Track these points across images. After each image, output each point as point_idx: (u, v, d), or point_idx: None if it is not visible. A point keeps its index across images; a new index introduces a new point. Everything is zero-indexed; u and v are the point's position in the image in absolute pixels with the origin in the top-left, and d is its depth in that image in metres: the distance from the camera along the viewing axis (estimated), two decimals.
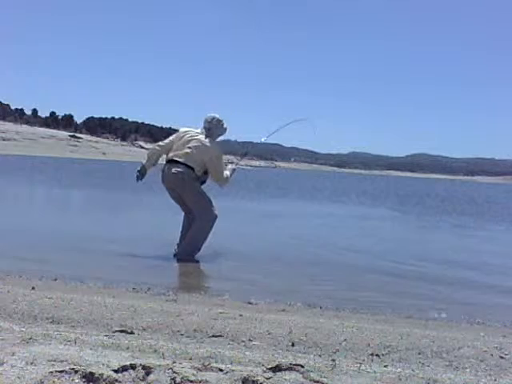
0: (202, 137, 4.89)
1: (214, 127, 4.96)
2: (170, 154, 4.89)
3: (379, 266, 5.28)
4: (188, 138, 4.88)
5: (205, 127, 4.97)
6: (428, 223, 11.18)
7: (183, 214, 5.08)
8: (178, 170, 4.76)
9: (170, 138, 5.05)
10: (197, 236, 4.82)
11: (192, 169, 4.78)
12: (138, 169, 4.99)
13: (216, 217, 4.90)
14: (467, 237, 9.37)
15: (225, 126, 5.06)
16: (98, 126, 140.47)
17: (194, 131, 4.97)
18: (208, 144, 4.86)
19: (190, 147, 4.81)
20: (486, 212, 16.10)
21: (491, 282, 4.95)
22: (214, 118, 4.98)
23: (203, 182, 4.99)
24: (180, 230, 5.04)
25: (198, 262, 4.76)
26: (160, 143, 5.09)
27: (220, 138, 5.09)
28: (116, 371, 1.69)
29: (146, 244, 5.61)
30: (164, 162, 4.96)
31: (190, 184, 4.80)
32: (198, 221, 4.84)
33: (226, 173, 5.07)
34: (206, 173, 4.92)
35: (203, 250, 4.89)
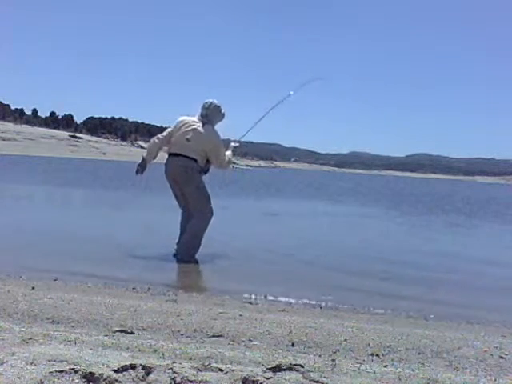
0: (199, 125, 4.81)
1: (211, 113, 4.87)
2: (172, 148, 4.84)
3: (379, 266, 5.28)
4: (186, 129, 4.80)
5: (202, 114, 4.88)
6: (426, 223, 11.18)
7: (181, 211, 5.02)
8: (182, 162, 4.74)
9: (168, 129, 4.97)
10: (194, 234, 4.79)
11: (195, 160, 4.76)
12: (139, 162, 4.96)
13: (212, 214, 4.89)
14: (466, 236, 9.37)
15: (223, 111, 4.95)
16: (98, 126, 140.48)
17: (191, 120, 4.87)
18: (207, 133, 4.79)
19: (188, 139, 4.75)
20: (486, 211, 16.10)
21: (491, 281, 4.95)
22: (211, 104, 4.88)
23: (207, 171, 4.96)
24: (179, 228, 4.99)
25: (197, 261, 4.75)
26: (159, 136, 5.00)
27: (219, 124, 4.98)
28: (116, 371, 1.69)
29: (146, 244, 5.61)
30: (167, 156, 4.91)
31: (193, 177, 4.78)
32: (195, 218, 4.81)
33: (228, 154, 5.02)
34: (208, 161, 4.89)
35: (203, 250, 4.89)
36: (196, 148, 4.76)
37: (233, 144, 5.20)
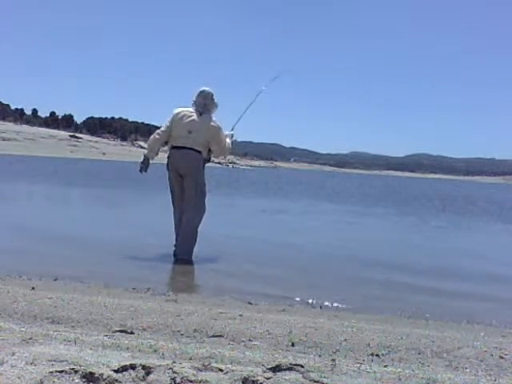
0: (198, 116, 4.78)
1: (209, 103, 4.86)
2: (175, 141, 4.81)
3: (379, 266, 5.28)
4: (186, 121, 4.77)
5: (199, 103, 4.83)
6: (425, 223, 11.17)
7: (173, 212, 4.97)
8: (188, 155, 4.73)
9: (167, 123, 4.88)
10: (192, 231, 4.78)
11: (200, 152, 4.77)
12: (141, 160, 4.94)
13: (205, 211, 4.89)
14: (465, 237, 9.38)
15: (216, 100, 4.93)
16: (98, 126, 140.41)
17: (188, 111, 4.83)
18: (206, 122, 4.78)
19: (190, 131, 4.73)
20: (485, 212, 16.10)
21: (491, 281, 4.95)
22: (208, 93, 4.87)
23: (208, 160, 4.97)
24: (174, 230, 4.93)
25: (197, 261, 4.75)
26: (158, 131, 4.93)
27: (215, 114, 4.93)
28: (116, 371, 1.69)
29: (146, 244, 5.61)
30: (169, 149, 4.87)
31: (197, 169, 4.78)
32: (190, 213, 4.78)
33: (227, 141, 5.00)
34: (209, 150, 4.90)
35: (203, 249, 4.89)
36: (199, 140, 4.75)
37: (227, 132, 5.13)
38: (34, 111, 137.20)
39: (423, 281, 4.73)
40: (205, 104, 4.84)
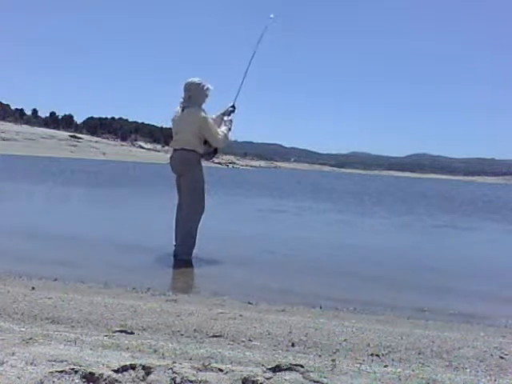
0: (180, 113, 4.73)
1: (194, 94, 4.69)
2: (171, 144, 4.93)
3: (378, 266, 5.28)
4: (177, 123, 4.78)
5: (184, 97, 4.73)
6: (424, 223, 11.17)
7: (176, 208, 4.96)
8: (180, 155, 4.75)
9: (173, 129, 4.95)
10: (189, 231, 4.76)
11: (192, 151, 4.70)
12: None
13: (203, 210, 4.84)
14: (464, 237, 9.37)
15: (205, 87, 4.72)
16: (98, 126, 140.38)
17: (176, 111, 4.81)
18: (187, 118, 4.67)
19: (177, 132, 4.78)
20: (483, 212, 16.10)
21: (491, 282, 4.95)
22: (191, 84, 4.70)
23: (214, 153, 4.87)
24: (174, 227, 4.93)
25: (197, 262, 4.75)
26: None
27: (207, 101, 4.80)
28: (116, 371, 1.69)
29: (146, 244, 5.61)
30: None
31: (190, 168, 4.75)
32: (187, 214, 4.77)
33: (222, 130, 4.83)
34: (205, 142, 4.76)
35: (203, 250, 4.88)
36: (186, 138, 4.71)
37: (226, 118, 4.97)
38: (34, 111, 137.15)
39: (423, 281, 4.73)
40: (189, 96, 4.70)
